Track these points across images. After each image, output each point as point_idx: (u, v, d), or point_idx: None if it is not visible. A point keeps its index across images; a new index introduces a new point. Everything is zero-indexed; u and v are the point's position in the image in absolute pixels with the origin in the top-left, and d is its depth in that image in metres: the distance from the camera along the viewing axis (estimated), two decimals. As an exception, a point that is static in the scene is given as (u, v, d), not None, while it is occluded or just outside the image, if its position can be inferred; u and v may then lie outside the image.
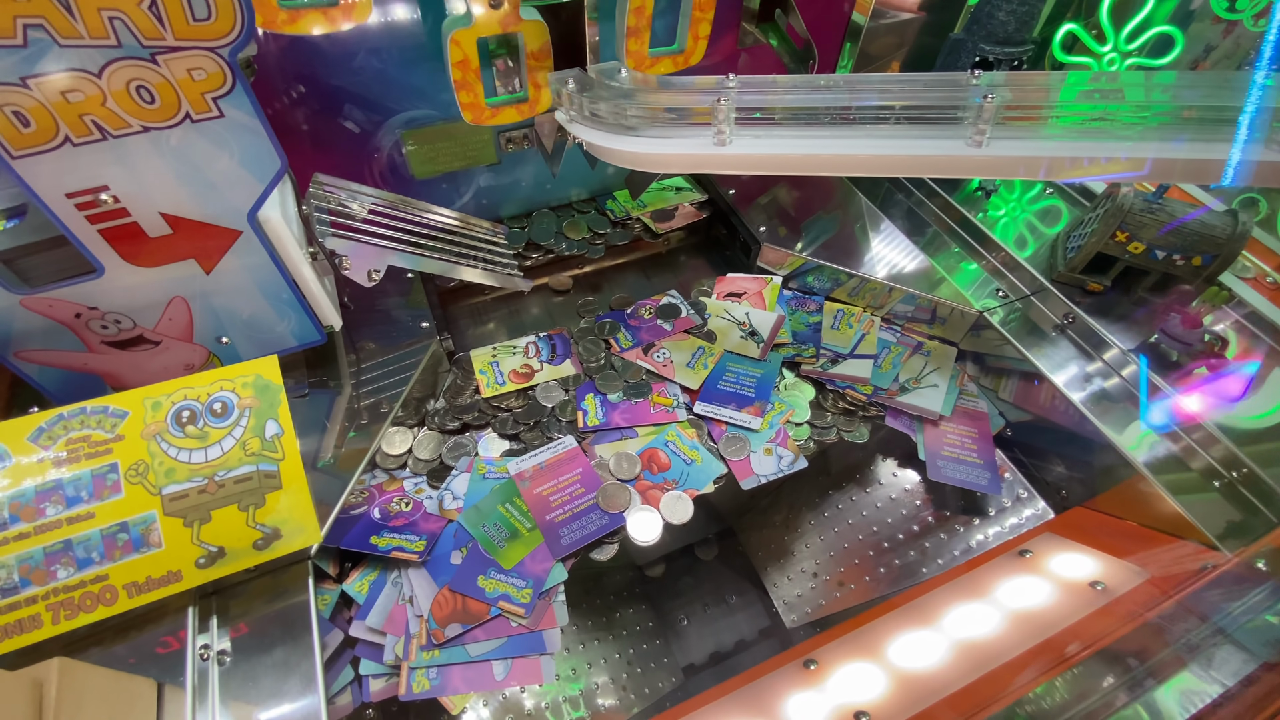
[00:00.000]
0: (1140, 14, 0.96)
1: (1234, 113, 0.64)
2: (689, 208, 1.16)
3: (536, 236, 1.09)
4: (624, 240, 1.13)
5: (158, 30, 0.53)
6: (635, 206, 1.15)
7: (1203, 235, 0.85)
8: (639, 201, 1.15)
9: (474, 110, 0.85)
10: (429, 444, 0.86)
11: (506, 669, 0.71)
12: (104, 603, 0.60)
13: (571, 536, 0.78)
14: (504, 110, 0.87)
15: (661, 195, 1.17)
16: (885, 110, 0.69)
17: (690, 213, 1.16)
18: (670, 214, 1.15)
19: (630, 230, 1.13)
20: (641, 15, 0.85)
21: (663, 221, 1.14)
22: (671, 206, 1.15)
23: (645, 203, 1.15)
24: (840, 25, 1.10)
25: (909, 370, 0.97)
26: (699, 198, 1.16)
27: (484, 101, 0.85)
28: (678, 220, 1.15)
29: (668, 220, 1.14)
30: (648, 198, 1.15)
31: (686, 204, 1.16)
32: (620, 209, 1.15)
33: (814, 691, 0.66)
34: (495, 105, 0.86)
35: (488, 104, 0.85)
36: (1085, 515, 0.84)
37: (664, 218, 1.14)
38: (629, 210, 1.15)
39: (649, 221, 1.13)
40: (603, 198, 1.18)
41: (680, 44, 0.92)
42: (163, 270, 0.69)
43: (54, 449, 0.61)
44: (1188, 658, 0.59)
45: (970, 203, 1.11)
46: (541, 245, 1.09)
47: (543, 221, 1.12)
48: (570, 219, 1.13)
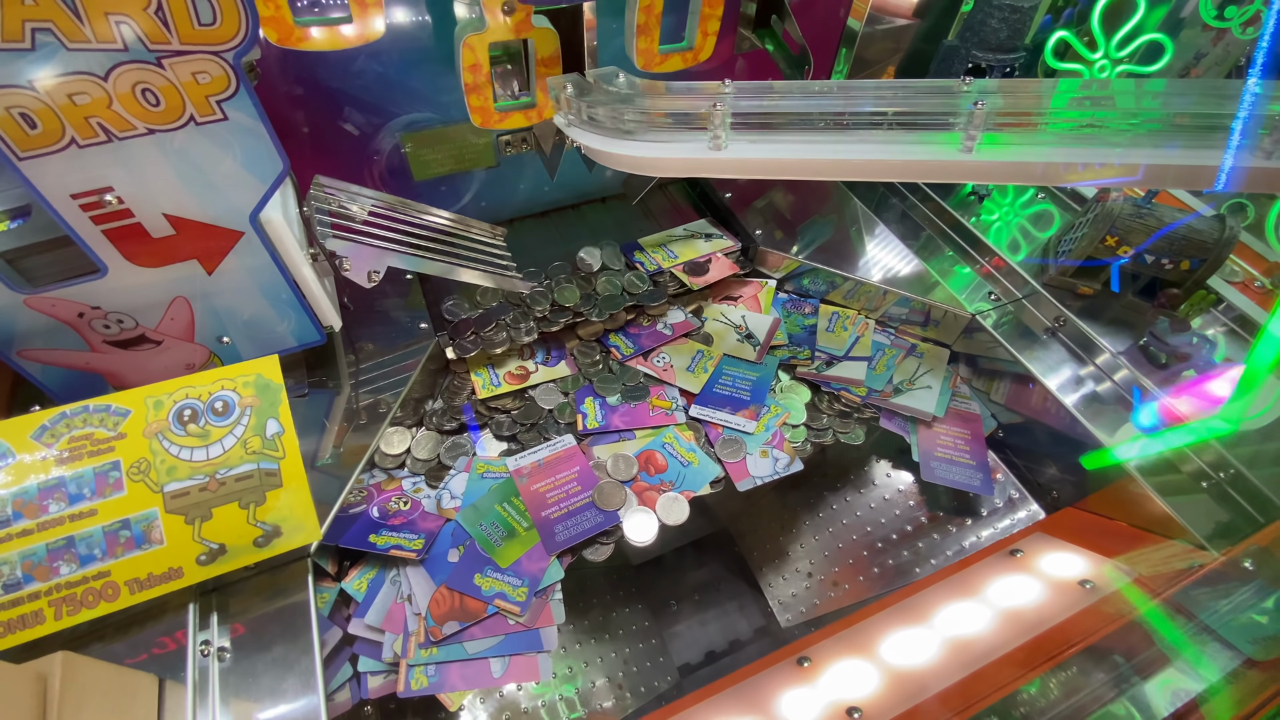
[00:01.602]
0: (1131, 21, 0.97)
1: (1224, 119, 0.65)
2: (723, 259, 1.07)
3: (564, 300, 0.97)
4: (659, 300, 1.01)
5: (163, 34, 0.54)
6: (666, 258, 1.05)
7: (1191, 240, 0.87)
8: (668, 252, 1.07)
9: (483, 114, 0.86)
10: (427, 444, 0.87)
11: (504, 666, 0.72)
12: (106, 599, 0.61)
13: (566, 533, 0.79)
14: (512, 115, 0.88)
15: (691, 245, 1.08)
16: (878, 116, 0.70)
17: (726, 265, 1.07)
18: (704, 267, 1.05)
19: (663, 289, 1.02)
20: (651, 13, 0.87)
21: (697, 275, 1.04)
22: (704, 258, 1.06)
23: (676, 253, 1.06)
24: (836, 31, 1.11)
25: (903, 372, 0.98)
26: (729, 245, 1.09)
27: (493, 106, 0.86)
28: (713, 274, 1.05)
29: (702, 275, 1.04)
30: (678, 249, 1.07)
31: (719, 254, 1.07)
32: (650, 261, 1.05)
33: (807, 688, 0.66)
34: (504, 110, 0.88)
35: (497, 108, 0.87)
36: (1075, 516, 0.85)
37: (698, 271, 1.05)
38: (660, 263, 1.04)
39: (683, 277, 1.03)
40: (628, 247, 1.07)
41: (690, 41, 0.93)
42: (165, 270, 0.69)
43: (57, 447, 0.61)
44: (1173, 655, 0.61)
45: (964, 207, 1.12)
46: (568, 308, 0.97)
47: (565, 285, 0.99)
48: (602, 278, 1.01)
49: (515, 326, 0.94)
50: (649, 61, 0.91)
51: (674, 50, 0.93)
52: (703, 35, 0.92)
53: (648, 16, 0.87)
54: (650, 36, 0.89)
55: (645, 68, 0.92)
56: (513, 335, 0.93)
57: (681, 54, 0.93)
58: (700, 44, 0.93)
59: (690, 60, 0.94)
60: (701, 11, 0.90)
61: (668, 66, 0.93)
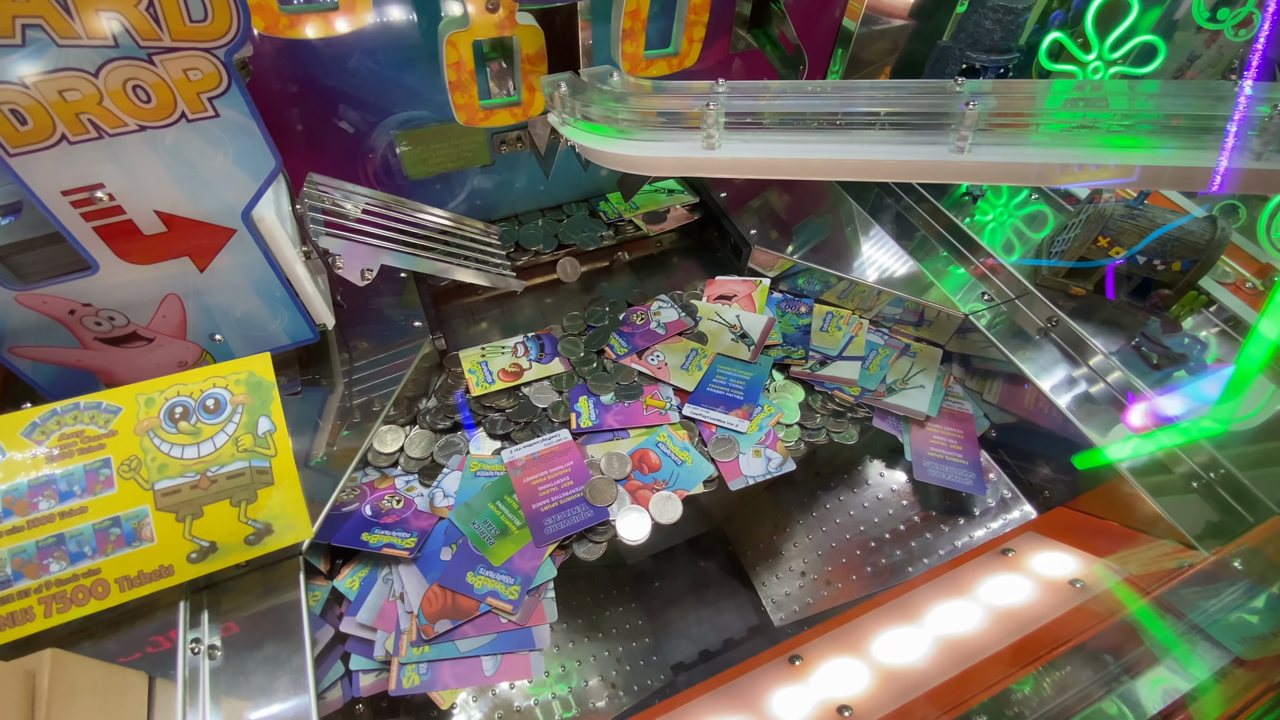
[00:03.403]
0: (1124, 23, 0.97)
1: (1219, 121, 0.66)
2: (680, 210, 1.17)
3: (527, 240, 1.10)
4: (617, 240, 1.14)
5: (155, 31, 0.54)
6: (627, 208, 1.16)
7: (1183, 241, 0.87)
8: (631, 204, 1.16)
9: (468, 111, 0.86)
10: (420, 442, 0.87)
11: (496, 664, 0.72)
12: (96, 596, 0.61)
13: (555, 526, 0.79)
14: (498, 113, 0.88)
15: (654, 197, 1.18)
16: (871, 116, 0.70)
17: (681, 215, 1.17)
18: (662, 216, 1.16)
19: (623, 232, 1.15)
20: (636, 18, 0.87)
21: (654, 223, 1.15)
22: (664, 209, 1.16)
23: (638, 205, 1.16)
24: (831, 31, 1.12)
25: (896, 372, 0.98)
26: (690, 200, 1.18)
27: (478, 103, 0.86)
28: (669, 222, 1.16)
29: (660, 222, 1.16)
30: (640, 200, 1.16)
31: (678, 206, 1.17)
32: (613, 210, 1.16)
33: (799, 686, 0.67)
34: (489, 107, 0.87)
35: (481, 106, 0.86)
36: (1067, 515, 0.85)
37: (656, 219, 1.16)
38: (621, 212, 1.16)
39: (640, 223, 1.15)
40: (595, 199, 1.19)
41: (675, 46, 0.94)
42: (157, 268, 0.69)
43: (47, 444, 0.61)
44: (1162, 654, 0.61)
45: (958, 208, 1.12)
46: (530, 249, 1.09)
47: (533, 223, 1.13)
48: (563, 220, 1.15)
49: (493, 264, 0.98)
50: (635, 66, 0.91)
51: (659, 56, 0.93)
52: (688, 41, 0.93)
53: (633, 22, 0.87)
54: (636, 41, 0.89)
55: (631, 72, 0.92)
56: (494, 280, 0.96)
57: (667, 59, 0.93)
58: (686, 49, 0.93)
59: (675, 65, 0.95)
60: (687, 18, 0.91)
61: (653, 71, 0.94)
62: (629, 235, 1.15)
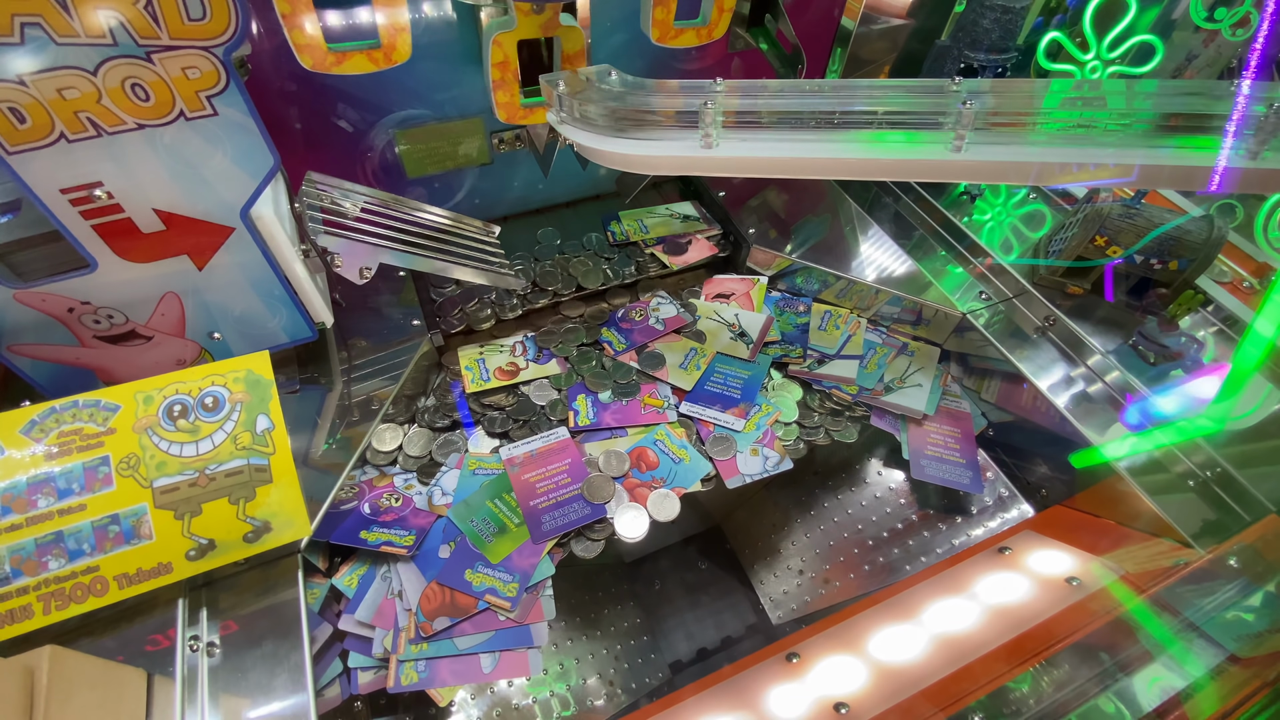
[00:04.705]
0: (1122, 23, 0.97)
1: (1216, 120, 0.66)
2: (704, 241, 1.09)
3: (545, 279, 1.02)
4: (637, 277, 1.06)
5: (153, 29, 0.54)
6: (638, 231, 1.09)
7: (1180, 240, 0.87)
8: (641, 224, 1.11)
9: (509, 110, 0.87)
10: (419, 441, 0.87)
11: (494, 662, 0.72)
12: (95, 593, 0.61)
13: (553, 523, 0.79)
14: (537, 111, 0.88)
15: (667, 223, 1.12)
16: (869, 115, 0.70)
17: (705, 247, 1.09)
18: (683, 247, 1.08)
19: (644, 268, 1.07)
20: None
21: (675, 255, 1.07)
22: (683, 239, 1.09)
23: (648, 228, 1.10)
24: (829, 30, 1.12)
25: (894, 370, 0.99)
26: (708, 230, 1.11)
27: (519, 101, 0.86)
28: (691, 254, 1.08)
29: (680, 254, 1.07)
30: (652, 224, 1.11)
31: (700, 236, 1.10)
32: (620, 231, 1.10)
33: (796, 684, 0.67)
34: (530, 106, 0.88)
35: (522, 104, 0.87)
36: (1064, 514, 0.85)
37: (676, 250, 1.08)
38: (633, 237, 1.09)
39: (662, 256, 1.07)
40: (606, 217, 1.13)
41: (705, 17, 0.93)
42: (156, 266, 0.69)
43: (46, 442, 0.61)
44: (1158, 651, 0.61)
45: (956, 207, 1.13)
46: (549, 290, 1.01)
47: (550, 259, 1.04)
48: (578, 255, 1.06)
49: (499, 304, 0.98)
50: (664, 34, 0.91)
51: (689, 25, 0.93)
52: (718, 11, 0.92)
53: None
54: (668, 8, 0.89)
55: (660, 40, 0.91)
56: (498, 312, 0.96)
57: (696, 29, 0.93)
58: (715, 19, 0.93)
59: (705, 36, 0.94)
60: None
61: (682, 41, 0.93)
62: (652, 274, 1.07)
